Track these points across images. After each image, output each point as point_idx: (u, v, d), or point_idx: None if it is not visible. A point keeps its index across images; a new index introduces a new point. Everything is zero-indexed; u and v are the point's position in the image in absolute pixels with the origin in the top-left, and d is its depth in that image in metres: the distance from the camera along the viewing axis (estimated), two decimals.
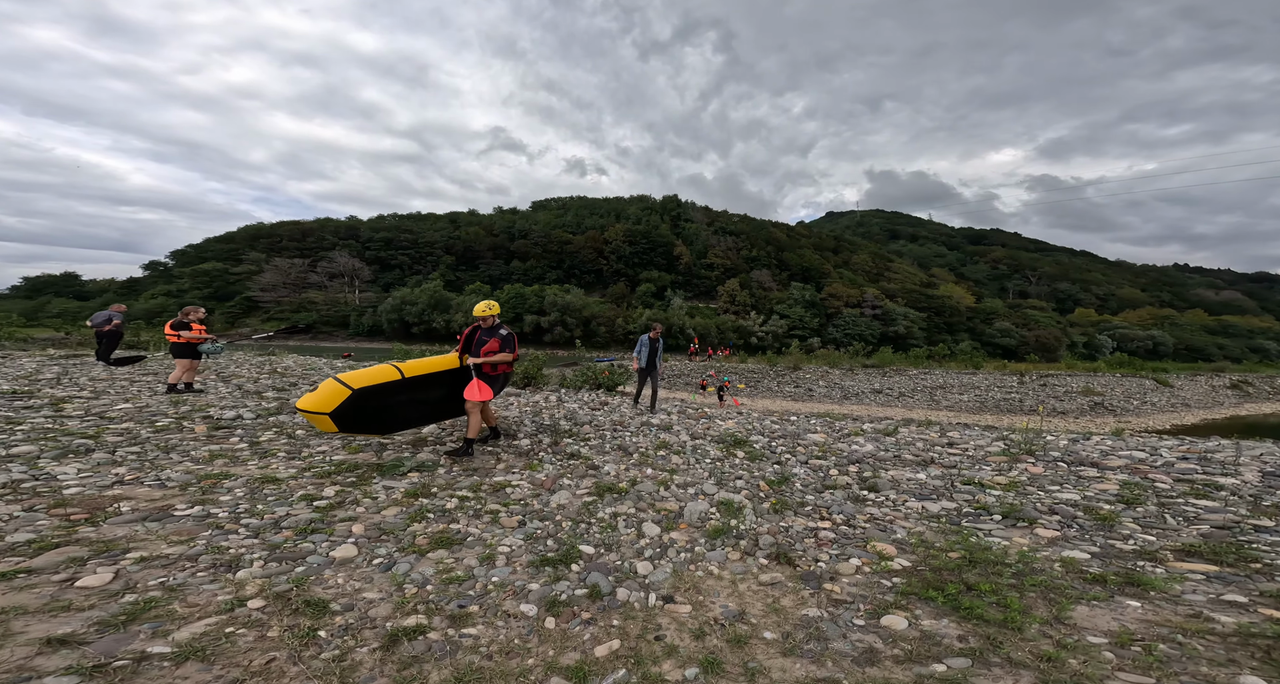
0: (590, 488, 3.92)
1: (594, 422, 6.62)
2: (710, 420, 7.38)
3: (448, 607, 2.27)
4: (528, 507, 3.51)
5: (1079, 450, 5.36)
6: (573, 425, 6.30)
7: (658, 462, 4.79)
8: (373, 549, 2.80)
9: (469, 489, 3.80)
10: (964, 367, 32.04)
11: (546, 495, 3.73)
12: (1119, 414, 20.35)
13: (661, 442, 5.56)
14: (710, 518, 3.32)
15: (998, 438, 6.29)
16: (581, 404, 8.33)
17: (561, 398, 8.84)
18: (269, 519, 3.10)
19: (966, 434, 6.64)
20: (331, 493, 3.59)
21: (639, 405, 8.36)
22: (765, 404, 23.72)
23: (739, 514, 3.36)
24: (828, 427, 7.46)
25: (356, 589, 2.38)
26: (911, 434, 6.46)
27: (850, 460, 4.78)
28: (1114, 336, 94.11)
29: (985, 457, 4.94)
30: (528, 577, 2.59)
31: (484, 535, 3.02)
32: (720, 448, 5.32)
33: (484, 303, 5.09)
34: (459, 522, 3.20)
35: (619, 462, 4.74)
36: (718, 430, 6.34)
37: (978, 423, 18.78)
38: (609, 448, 5.25)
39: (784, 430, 6.54)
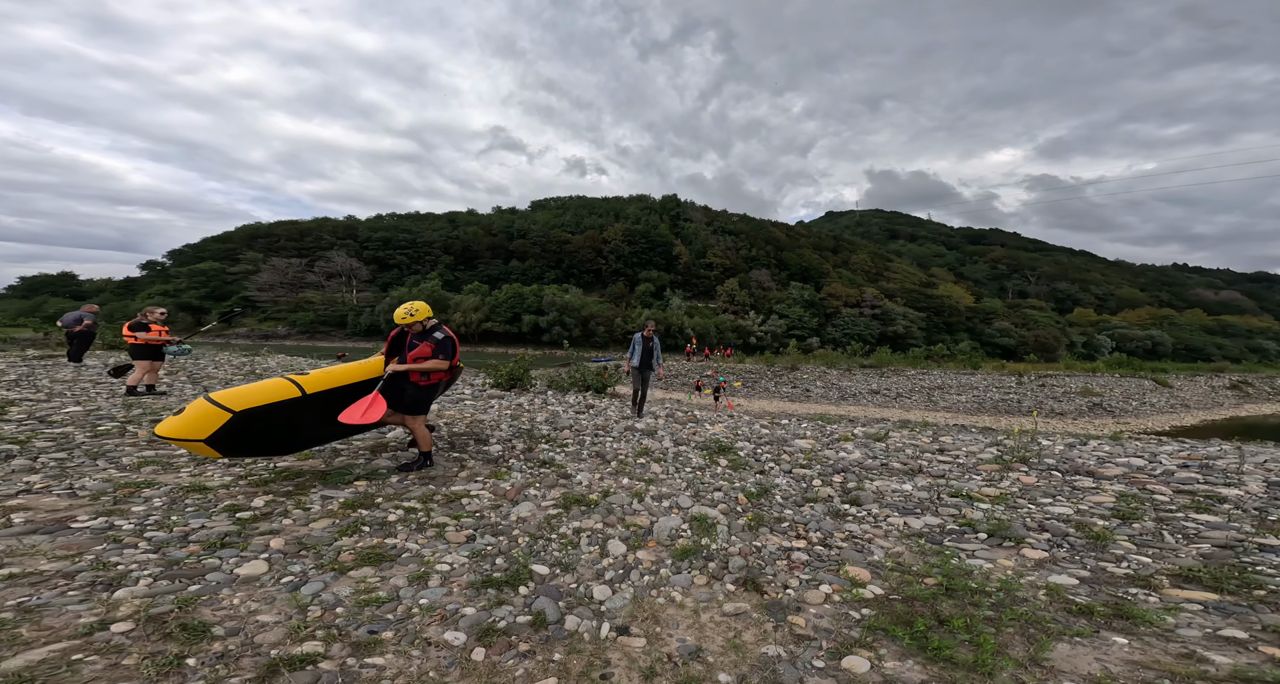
0: (558, 499, 3.71)
1: (576, 426, 6.42)
2: (698, 424, 7.18)
3: (355, 632, 2.05)
4: (483, 520, 3.28)
5: (1075, 457, 5.17)
6: (553, 430, 6.09)
7: (636, 470, 4.59)
8: (286, 566, 2.56)
9: (419, 500, 3.57)
10: (962, 367, 31.86)
11: (508, 507, 3.51)
12: (1118, 415, 20.16)
13: (643, 448, 5.36)
14: (681, 536, 3.12)
15: (991, 443, 6.09)
16: (567, 407, 8.12)
17: (547, 400, 8.63)
18: (179, 532, 2.86)
19: (959, 439, 6.44)
20: (261, 503, 3.34)
21: (635, 410, 7.95)
22: (761, 405, 23.53)
23: (711, 532, 3.16)
24: (818, 431, 7.26)
25: (251, 611, 2.15)
26: (902, 439, 6.26)
27: (836, 469, 4.58)
28: (1113, 336, 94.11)
29: (976, 465, 4.74)
30: (464, 599, 2.35)
31: (423, 551, 2.79)
32: (703, 455, 5.12)
33: (405, 307, 4.29)
34: (397, 536, 2.97)
35: (594, 470, 4.54)
36: (704, 436, 6.15)
37: (975, 424, 18.66)
38: (586, 455, 5.04)
39: (772, 436, 6.35)
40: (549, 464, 4.64)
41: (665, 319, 70.38)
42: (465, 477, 4.19)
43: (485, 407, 7.55)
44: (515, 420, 6.55)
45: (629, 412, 8.17)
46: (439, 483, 3.99)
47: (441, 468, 4.38)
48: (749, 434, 6.36)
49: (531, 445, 5.27)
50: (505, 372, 9.81)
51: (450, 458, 4.68)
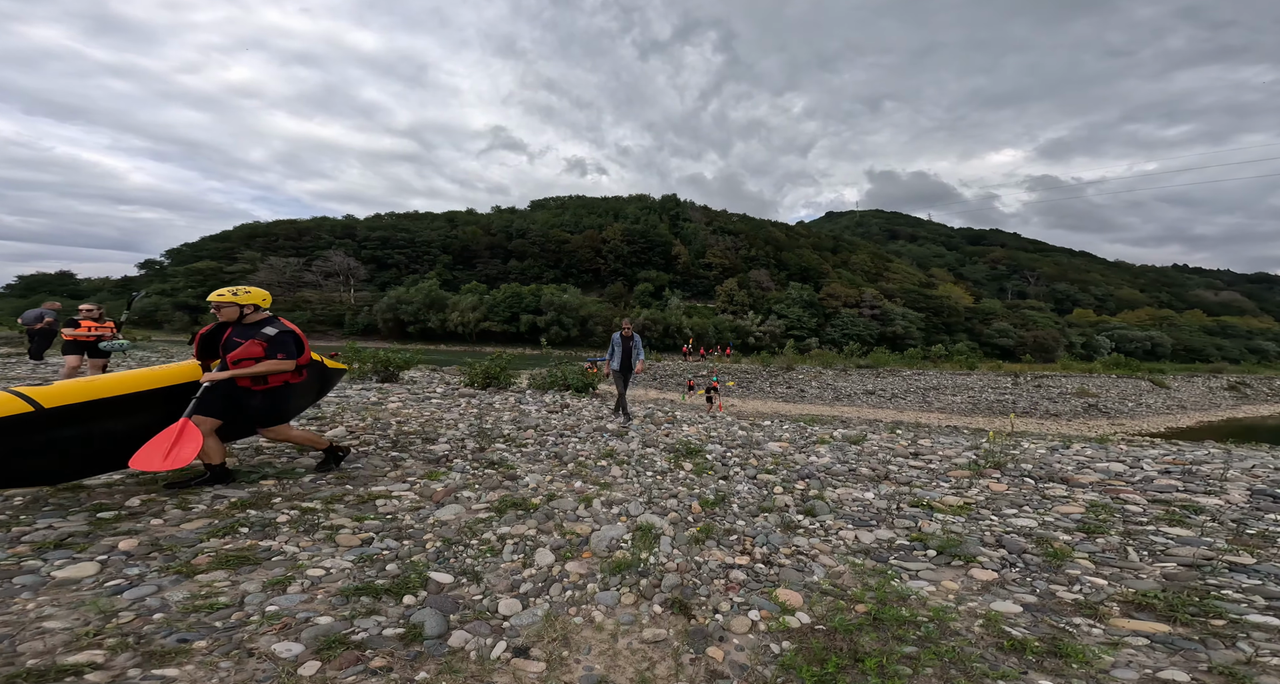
0: (494, 502, 3.51)
1: (544, 426, 6.23)
2: (675, 426, 7.00)
3: (162, 640, 1.84)
4: (394, 522, 3.05)
5: (1053, 462, 4.98)
6: (516, 429, 5.91)
7: (593, 473, 4.40)
8: (122, 569, 2.34)
9: (325, 500, 3.33)
10: (958, 367, 31.66)
11: (431, 509, 3.32)
12: (1113, 417, 19.94)
13: (608, 450, 5.18)
14: (620, 547, 2.93)
15: (971, 447, 5.90)
16: (541, 407, 7.93)
17: (523, 400, 8.44)
18: (15, 532, 2.64)
19: (938, 442, 6.25)
20: (137, 502, 3.11)
21: (621, 414, 7.56)
22: (755, 406, 23.35)
23: (654, 544, 2.97)
24: (799, 432, 7.08)
25: (40, 616, 1.94)
26: (880, 443, 6.08)
27: (801, 475, 4.40)
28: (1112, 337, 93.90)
29: (948, 471, 4.56)
30: (326, 608, 2.13)
31: (300, 555, 2.57)
32: (670, 458, 4.94)
33: (224, 290, 3.51)
34: (277, 538, 2.75)
35: (547, 472, 4.36)
36: (677, 438, 5.97)
37: (968, 426, 18.50)
38: (544, 456, 4.86)
39: (748, 438, 6.16)
40: (498, 465, 4.45)
41: (664, 319, 70.13)
42: (395, 477, 3.98)
43: (451, 405, 7.34)
44: (479, 419, 6.36)
45: (608, 412, 7.99)
46: (360, 483, 3.77)
47: (372, 468, 4.16)
48: (724, 436, 6.18)
49: (484, 445, 5.07)
50: (480, 370, 9.59)
51: (388, 457, 4.47)
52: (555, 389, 10.38)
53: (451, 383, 9.94)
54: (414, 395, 7.94)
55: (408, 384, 9.36)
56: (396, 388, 8.63)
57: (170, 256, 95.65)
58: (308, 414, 6.06)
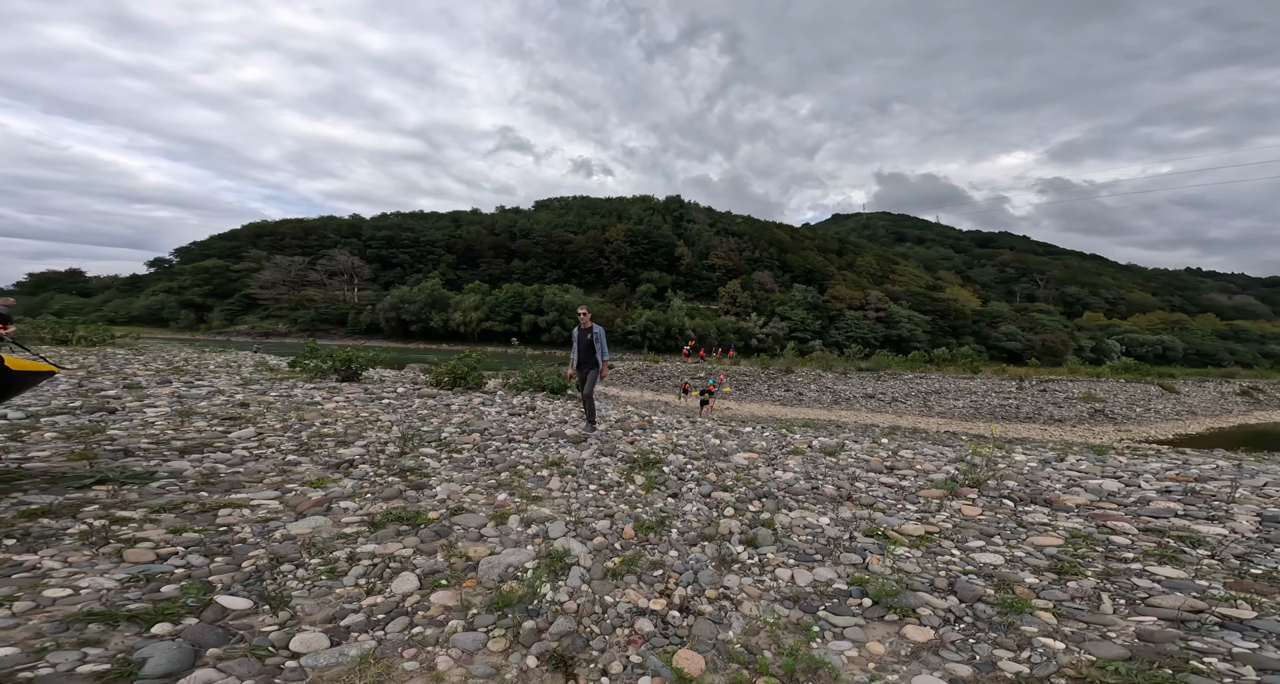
0: (376, 514, 3.14)
1: (494, 430, 5.86)
2: (647, 431, 6.61)
3: None
4: (223, 535, 2.69)
5: (1040, 479, 4.54)
6: (460, 433, 5.54)
7: (527, 485, 4.03)
8: None
9: (153, 509, 2.97)
10: (962, 371, 31.01)
11: (287, 521, 2.95)
12: (1120, 423, 19.29)
13: (557, 458, 4.81)
14: (517, 576, 2.56)
15: (954, 459, 5.47)
16: (505, 409, 7.56)
17: (488, 401, 8.07)
18: None
19: (921, 454, 5.82)
20: None
21: (587, 420, 6.70)
22: (752, 409, 22.89)
23: (560, 576, 2.59)
24: (776, 441, 6.68)
25: None
26: (856, 454, 5.67)
27: (759, 493, 4.00)
28: (1122, 341, 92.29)
29: (920, 490, 4.14)
30: (28, 635, 1.79)
31: (57, 571, 2.21)
32: (623, 470, 4.57)
33: None
34: (42, 551, 2.37)
35: (472, 482, 3.99)
36: (643, 445, 5.59)
37: (967, 431, 17.93)
38: (479, 463, 4.49)
39: (716, 448, 5.76)
40: (411, 471, 4.07)
41: (666, 320, 69.68)
42: (273, 483, 3.59)
43: (401, 406, 6.97)
44: (424, 422, 6.00)
45: (578, 416, 7.61)
46: (222, 489, 3.39)
47: (253, 473, 3.78)
48: (692, 445, 5.79)
49: (407, 449, 4.68)
50: (446, 369, 9.20)
51: (282, 461, 4.10)
52: (529, 390, 10.02)
53: (419, 382, 9.61)
54: (367, 395, 7.60)
55: (369, 383, 9.03)
56: (352, 387, 8.28)
57: (179, 255, 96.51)
58: (222, 407, 5.69)
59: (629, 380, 28.84)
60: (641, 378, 29.27)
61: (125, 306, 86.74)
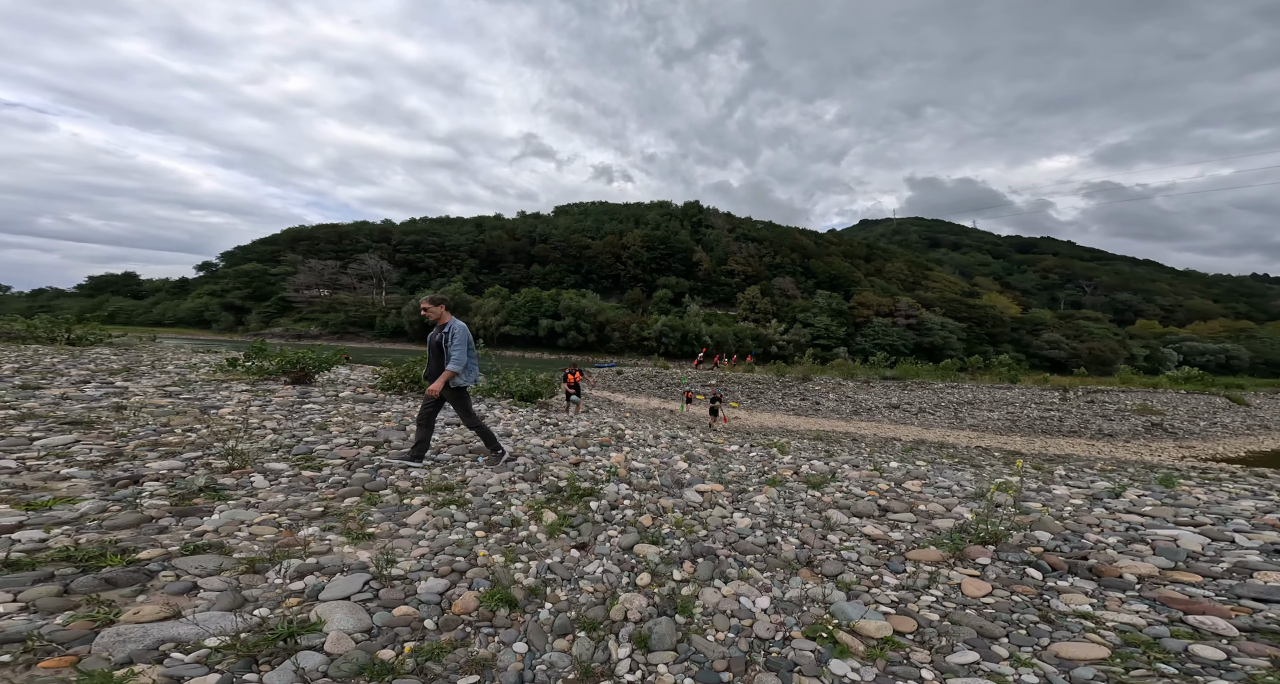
0: (65, 548, 2.20)
1: (403, 445, 4.90)
2: (607, 449, 5.57)
3: None
4: None
5: (1085, 529, 3.27)
6: (351, 445, 4.60)
7: (370, 517, 3.03)
8: None
9: None
10: (998, 380, 28.67)
11: None
12: (1181, 438, 16.97)
13: (455, 482, 3.82)
14: (157, 660, 1.58)
15: (972, 495, 4.21)
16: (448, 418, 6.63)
17: None
18: None
19: (931, 485, 4.53)
20: None
21: (492, 454, 4.70)
22: (762, 419, 21.50)
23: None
24: (762, 461, 5.54)
25: None
26: (850, 484, 4.47)
27: (699, 550, 2.89)
28: (1180, 350, 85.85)
29: (914, 546, 2.97)
30: None
31: None
32: (535, 503, 3.52)
33: None
34: None
35: (284, 509, 3.04)
36: (589, 467, 4.56)
37: (1002, 446, 16.09)
38: (327, 483, 3.54)
39: (683, 475, 4.65)
40: (201, 492, 3.15)
41: (683, 326, 68.40)
42: None
43: (322, 411, 6.07)
44: (323, 429, 5.11)
45: (542, 427, 6.56)
46: None
47: None
48: (654, 468, 4.69)
49: (235, 464, 3.72)
50: (399, 371, 8.38)
51: (50, 475, 3.22)
52: (497, 397, 9.11)
53: (366, 386, 8.77)
54: (300, 400, 6.75)
55: (322, 386, 8.26)
56: (289, 390, 7.46)
57: (224, 259, 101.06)
58: (86, 410, 4.92)
59: (637, 387, 27.79)
60: (650, 384, 28.17)
61: (173, 308, 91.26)
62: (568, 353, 69.20)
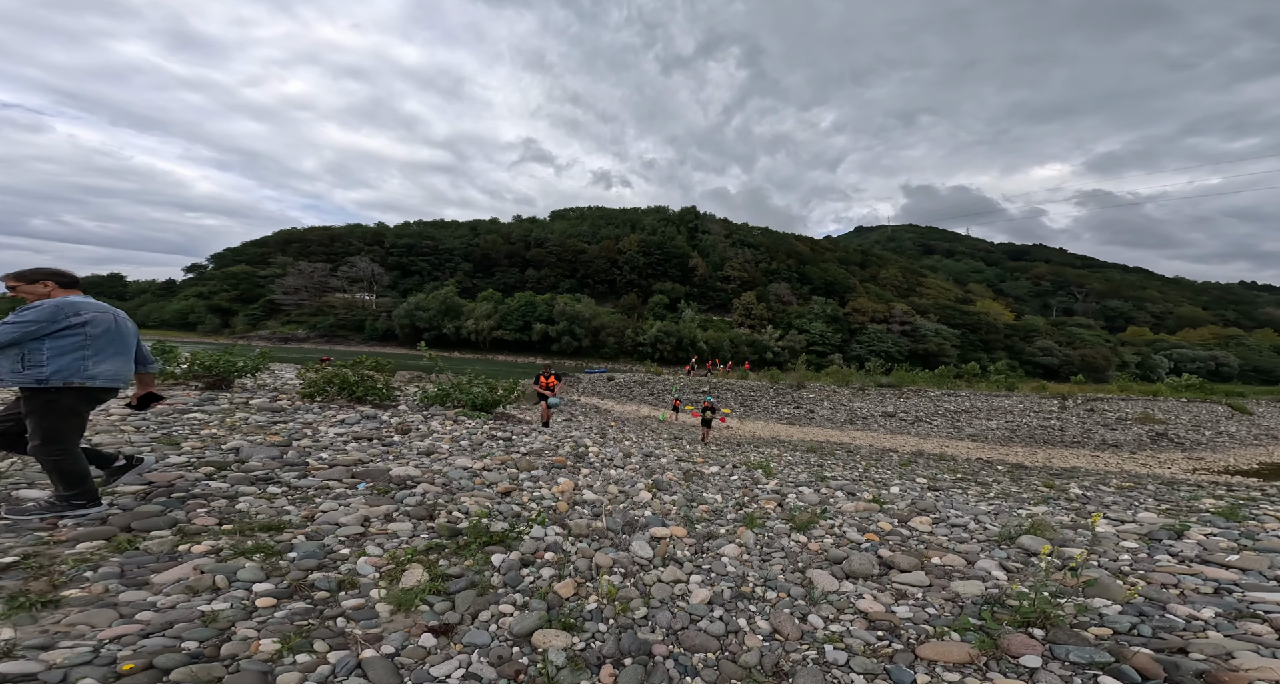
0: None
1: (264, 464, 3.93)
2: (550, 474, 4.76)
3: None
4: None
5: (1165, 596, 2.51)
6: (187, 468, 3.69)
7: (75, 570, 2.23)
8: None
9: None
10: (995, 388, 28.18)
11: None
12: (1188, 448, 16.43)
13: (301, 517, 2.99)
14: None
15: (999, 538, 3.42)
16: (380, 427, 5.70)
17: (355, 420, 5.98)
18: None
19: (941, 525, 3.80)
20: None
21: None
22: (754, 429, 20.82)
23: None
24: (744, 489, 4.82)
25: None
26: (842, 525, 3.73)
27: (630, 647, 2.06)
28: (1171, 357, 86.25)
29: (932, 632, 2.23)
30: None
31: None
32: (401, 555, 2.65)
33: None
34: None
35: None
36: (516, 502, 3.77)
37: (1005, 458, 15.48)
38: (72, 519, 2.65)
39: (643, 508, 3.91)
40: None
41: (678, 332, 67.76)
42: None
43: (198, 422, 5.07)
44: (170, 445, 4.12)
45: (463, 445, 5.59)
46: None
47: None
48: (609, 500, 3.94)
49: None
50: (325, 376, 7.13)
51: None
52: (448, 405, 7.96)
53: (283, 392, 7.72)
54: (182, 409, 5.73)
55: (241, 391, 7.28)
56: (192, 395, 6.57)
57: (213, 260, 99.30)
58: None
59: (627, 394, 27.04)
60: (641, 391, 27.43)
61: (158, 311, 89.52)
62: (561, 358, 68.33)
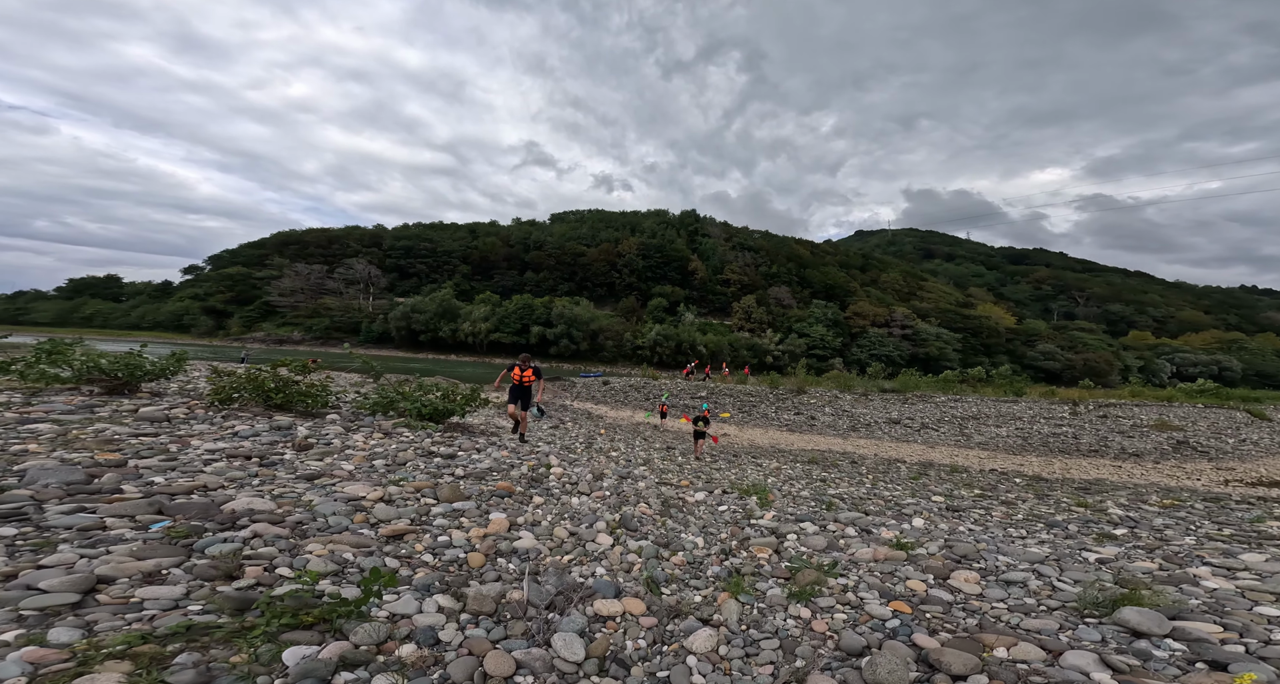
0: None
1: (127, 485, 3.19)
2: (483, 506, 3.79)
3: None
4: None
5: None
6: None
7: None
8: None
9: None
10: (1002, 393, 27.30)
11: None
12: (1215, 458, 15.53)
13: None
14: None
15: (1078, 605, 2.51)
16: (278, 443, 4.76)
17: (253, 431, 5.03)
18: None
19: (995, 584, 2.91)
20: None
21: None
22: (753, 436, 19.91)
23: None
24: (733, 521, 3.89)
25: None
26: (855, 588, 2.81)
27: None
28: (1173, 361, 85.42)
29: None
30: None
31: None
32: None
33: None
34: None
35: None
36: (418, 545, 2.89)
37: (1020, 468, 14.58)
38: None
39: (596, 559, 2.98)
40: None
41: (677, 335, 66.84)
42: None
43: (32, 436, 4.10)
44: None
45: (379, 463, 4.69)
46: None
47: None
48: (551, 549, 3.00)
49: None
50: (234, 382, 6.10)
51: None
52: (391, 415, 6.83)
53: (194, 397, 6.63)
54: (58, 414, 4.87)
55: (152, 397, 6.28)
56: (70, 401, 5.48)
57: (211, 262, 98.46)
58: None
59: (622, 399, 26.14)
60: (637, 396, 26.53)
61: (153, 312, 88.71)
62: (559, 361, 67.42)
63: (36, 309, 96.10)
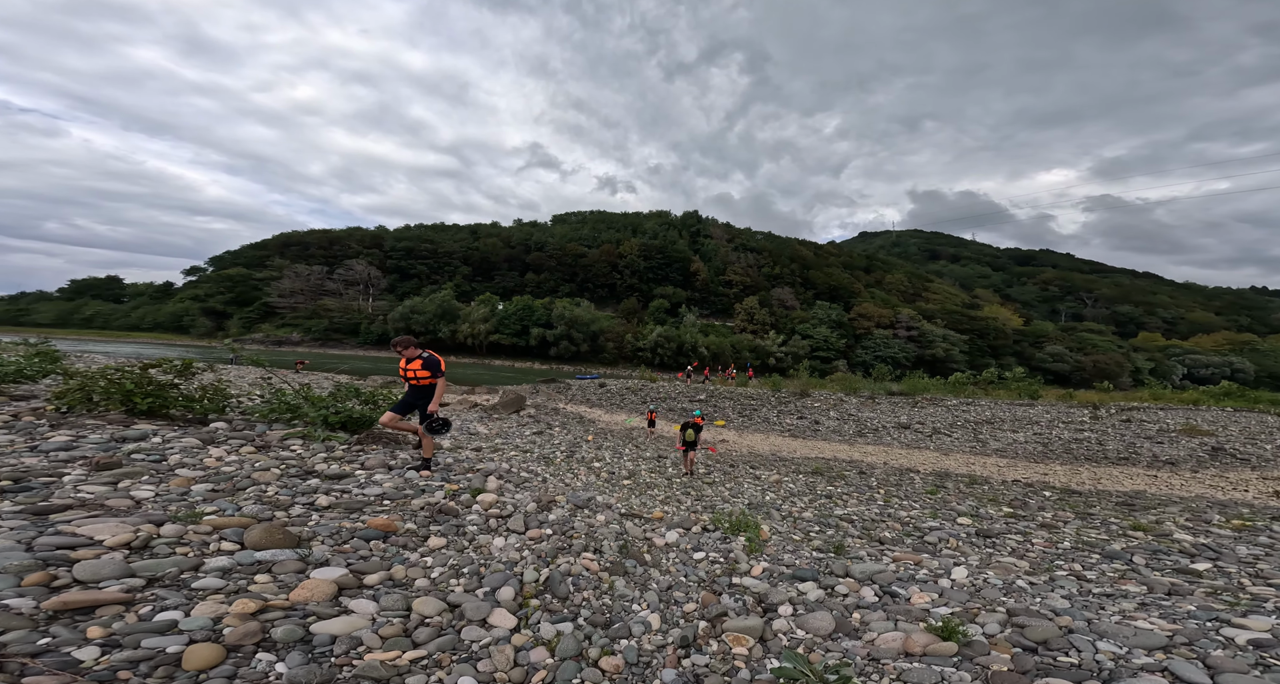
0: None
1: None
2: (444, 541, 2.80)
3: None
4: None
5: None
6: None
7: None
8: None
9: None
10: (1016, 396, 26.11)
11: None
12: (1256, 465, 14.36)
13: None
14: None
15: None
16: (63, 461, 3.62)
17: (53, 447, 3.94)
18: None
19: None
20: None
21: None
22: (754, 442, 18.83)
23: None
24: (711, 574, 2.83)
25: None
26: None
27: None
28: (1184, 362, 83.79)
29: None
30: None
31: None
32: None
33: None
34: None
35: None
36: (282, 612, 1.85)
37: (1045, 477, 13.48)
38: None
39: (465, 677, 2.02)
40: None
41: (678, 337, 65.77)
42: None
43: None
44: None
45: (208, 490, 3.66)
46: None
47: None
48: (388, 664, 2.02)
49: None
50: (80, 382, 5.13)
51: None
52: (293, 422, 5.71)
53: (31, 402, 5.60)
54: None
55: (10, 401, 5.33)
56: None
57: (213, 263, 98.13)
58: None
59: (618, 402, 25.10)
60: (634, 399, 25.49)
61: (153, 313, 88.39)
62: (559, 363, 66.47)
63: (37, 310, 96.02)
